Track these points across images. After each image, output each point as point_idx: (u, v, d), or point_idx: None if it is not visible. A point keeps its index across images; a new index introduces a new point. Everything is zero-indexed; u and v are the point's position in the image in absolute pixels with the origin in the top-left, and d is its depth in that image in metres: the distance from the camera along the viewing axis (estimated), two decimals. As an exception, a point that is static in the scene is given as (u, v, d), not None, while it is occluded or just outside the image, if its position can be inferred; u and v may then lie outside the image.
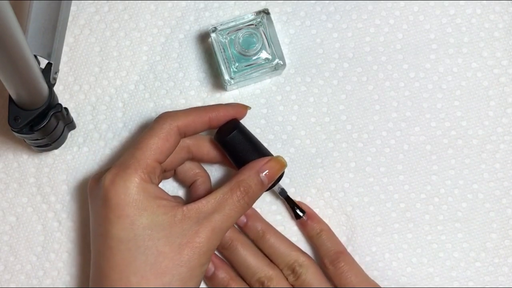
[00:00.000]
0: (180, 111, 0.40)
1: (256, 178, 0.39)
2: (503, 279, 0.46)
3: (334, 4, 0.47)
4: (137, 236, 0.36)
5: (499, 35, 0.47)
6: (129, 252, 0.36)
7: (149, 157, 0.38)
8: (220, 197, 0.38)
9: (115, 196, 0.37)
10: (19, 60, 0.33)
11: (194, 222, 0.37)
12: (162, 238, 0.36)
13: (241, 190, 0.39)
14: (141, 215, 0.36)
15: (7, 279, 0.45)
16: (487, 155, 0.47)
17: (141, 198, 0.37)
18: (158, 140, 0.38)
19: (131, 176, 0.37)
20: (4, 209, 0.45)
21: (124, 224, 0.36)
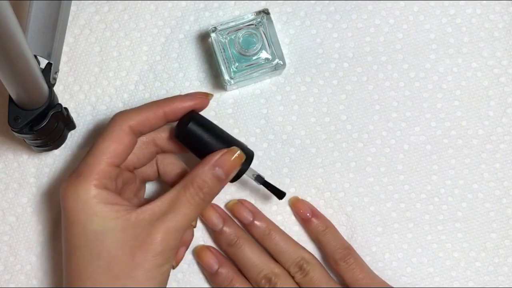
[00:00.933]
0: (133, 110, 0.39)
1: (210, 173, 0.38)
2: (503, 279, 0.46)
3: (334, 4, 0.47)
4: (89, 242, 0.36)
5: (499, 35, 0.47)
6: (83, 258, 0.37)
7: (101, 162, 0.37)
8: (174, 195, 0.37)
9: (68, 203, 0.37)
10: (19, 60, 0.33)
11: (147, 224, 0.36)
12: (114, 242, 0.36)
13: (194, 186, 0.38)
14: (92, 221, 0.36)
15: (7, 279, 0.45)
16: (487, 155, 0.47)
17: (91, 204, 0.36)
18: (110, 143, 0.38)
19: (81, 183, 0.37)
20: (4, 209, 0.45)
21: (77, 231, 0.37)
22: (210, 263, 0.43)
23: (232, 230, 0.44)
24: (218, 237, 0.44)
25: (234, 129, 0.46)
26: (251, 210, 0.45)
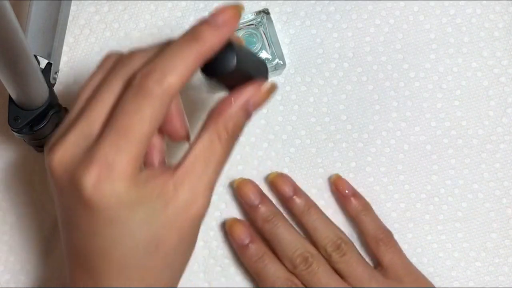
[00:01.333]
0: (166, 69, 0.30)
1: (243, 113, 0.32)
2: (503, 279, 0.46)
3: (334, 4, 0.47)
4: (134, 233, 0.31)
5: (499, 34, 0.47)
6: (128, 249, 0.32)
7: (139, 146, 0.30)
8: (208, 148, 0.32)
9: (102, 201, 0.30)
10: (19, 60, 0.33)
11: (187, 190, 0.31)
12: (160, 224, 0.32)
13: (230, 133, 0.32)
14: (136, 212, 0.31)
15: (7, 279, 0.45)
16: (487, 155, 0.47)
17: (132, 196, 0.30)
18: (150, 124, 0.30)
19: (119, 177, 0.30)
20: (4, 209, 0.45)
21: (117, 227, 0.31)
22: (241, 237, 0.43)
23: (269, 207, 0.44)
24: (254, 213, 0.44)
25: (234, 129, 0.46)
26: (292, 185, 0.45)
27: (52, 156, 0.31)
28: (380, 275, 0.43)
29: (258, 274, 0.43)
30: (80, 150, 0.30)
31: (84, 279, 0.33)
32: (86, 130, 0.31)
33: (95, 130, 0.31)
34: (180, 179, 0.31)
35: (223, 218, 0.45)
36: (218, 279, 0.45)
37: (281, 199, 0.45)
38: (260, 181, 0.46)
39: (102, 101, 0.31)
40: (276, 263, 0.43)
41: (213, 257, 0.45)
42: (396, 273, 0.43)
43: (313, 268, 0.42)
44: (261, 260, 0.43)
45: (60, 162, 0.31)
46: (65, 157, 0.31)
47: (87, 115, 0.31)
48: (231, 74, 0.31)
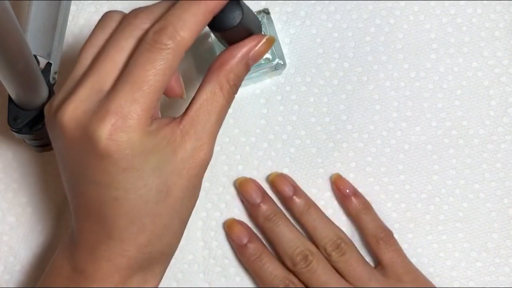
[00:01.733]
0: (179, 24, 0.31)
1: (243, 64, 0.34)
2: (504, 279, 0.46)
3: (335, 4, 0.47)
4: (147, 182, 0.32)
5: (500, 34, 0.47)
6: (140, 199, 0.33)
7: (152, 99, 0.31)
8: (211, 98, 0.33)
9: (118, 151, 0.31)
10: (19, 60, 0.33)
11: (194, 138, 0.33)
12: (170, 170, 0.33)
13: (230, 84, 0.34)
14: (149, 160, 0.32)
15: (7, 280, 0.45)
16: (488, 154, 0.47)
17: (146, 144, 0.32)
18: (163, 77, 0.31)
19: (134, 128, 0.31)
20: (3, 209, 0.45)
21: (131, 176, 0.32)
22: (239, 236, 0.44)
23: (270, 205, 0.44)
24: (255, 211, 0.44)
25: (234, 129, 0.46)
26: (292, 185, 0.45)
27: (63, 112, 0.32)
28: (379, 274, 0.43)
29: (257, 273, 0.43)
30: (92, 104, 0.31)
31: (96, 231, 0.34)
32: (96, 85, 0.32)
33: (107, 85, 0.32)
34: (186, 128, 0.33)
35: (223, 218, 0.45)
36: (218, 280, 0.45)
37: (281, 199, 0.45)
38: (261, 181, 0.46)
39: (113, 57, 0.32)
40: (274, 262, 0.43)
41: (213, 257, 0.45)
42: (395, 272, 0.43)
43: (313, 266, 0.42)
44: (259, 259, 0.43)
45: (72, 117, 0.32)
46: (76, 112, 0.32)
47: (97, 71, 0.32)
48: (237, 28, 0.33)
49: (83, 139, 0.32)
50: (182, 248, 0.45)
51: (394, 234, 0.45)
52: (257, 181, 0.45)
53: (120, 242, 0.33)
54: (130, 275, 0.34)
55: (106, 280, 0.34)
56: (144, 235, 0.34)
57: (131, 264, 0.34)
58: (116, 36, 0.32)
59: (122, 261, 0.34)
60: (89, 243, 0.34)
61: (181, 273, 0.45)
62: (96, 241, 0.34)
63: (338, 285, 0.42)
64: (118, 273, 0.34)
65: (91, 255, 0.34)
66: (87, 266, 0.34)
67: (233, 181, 0.46)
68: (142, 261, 0.34)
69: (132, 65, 0.31)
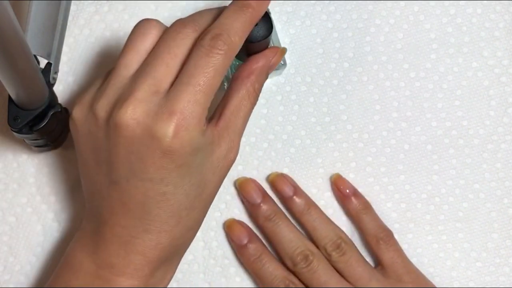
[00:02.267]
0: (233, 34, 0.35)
1: (265, 73, 0.39)
2: (504, 279, 0.46)
3: (335, 4, 0.47)
4: (192, 177, 0.35)
5: (499, 34, 0.47)
6: (185, 193, 0.35)
7: (210, 99, 0.35)
8: (239, 104, 0.37)
9: (180, 148, 0.34)
10: (19, 60, 0.33)
11: (228, 141, 0.37)
12: (208, 168, 0.36)
13: (256, 91, 0.38)
14: (196, 156, 0.35)
15: (7, 280, 0.45)
16: (489, 154, 0.47)
17: (200, 143, 0.35)
18: (220, 78, 0.35)
19: (195, 127, 0.34)
20: (3, 209, 0.45)
21: (184, 172, 0.35)
22: (239, 236, 0.44)
23: (270, 205, 0.44)
24: (256, 211, 0.44)
25: (234, 129, 0.46)
26: (292, 185, 0.45)
27: (122, 112, 0.34)
28: (380, 274, 0.43)
29: (257, 273, 0.43)
30: (152, 105, 0.34)
31: (132, 226, 0.36)
32: (153, 88, 0.35)
33: (164, 87, 0.35)
34: (222, 131, 0.37)
35: (223, 219, 0.45)
36: (218, 280, 0.45)
37: (281, 199, 0.45)
38: (261, 181, 0.46)
39: (167, 62, 0.35)
40: (274, 262, 0.43)
41: (213, 257, 0.45)
42: (396, 272, 0.43)
43: (313, 266, 0.42)
44: (259, 259, 0.43)
45: (133, 117, 0.34)
46: (137, 112, 0.34)
47: (152, 74, 0.35)
48: (266, 40, 0.37)
49: (146, 137, 0.34)
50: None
51: (394, 234, 0.45)
52: (257, 181, 0.45)
53: (157, 235, 0.36)
54: (158, 267, 0.37)
55: (136, 273, 0.36)
56: (179, 227, 0.36)
57: (161, 256, 0.36)
58: (167, 43, 0.35)
59: (154, 254, 0.36)
60: (121, 238, 0.36)
61: (181, 273, 0.45)
62: (131, 236, 0.36)
63: (338, 285, 0.42)
64: (148, 266, 0.36)
65: (122, 249, 0.36)
66: (118, 261, 0.36)
67: (233, 181, 0.46)
68: (170, 253, 0.37)
69: (192, 68, 0.34)
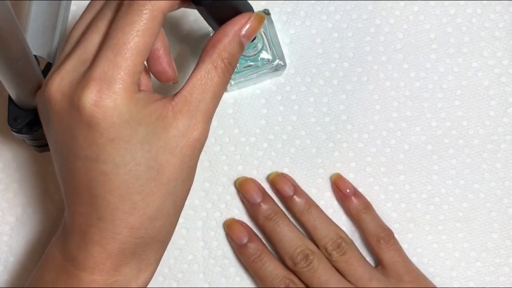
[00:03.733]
0: None
1: (237, 43, 0.34)
2: (504, 279, 0.46)
3: (334, 4, 0.47)
4: (136, 155, 0.32)
5: (499, 34, 0.47)
6: (130, 173, 0.32)
7: (134, 62, 0.31)
8: (205, 77, 0.33)
9: (104, 119, 0.31)
10: (19, 60, 0.33)
11: (187, 117, 0.32)
12: (161, 147, 0.32)
13: (225, 62, 0.33)
14: (137, 131, 0.31)
15: (7, 280, 0.45)
16: (488, 154, 0.47)
17: (134, 114, 0.31)
18: (143, 38, 0.31)
19: (120, 93, 0.31)
20: (4, 209, 0.45)
21: (120, 147, 0.31)
22: (239, 236, 0.44)
23: (270, 205, 0.44)
24: (256, 211, 0.44)
25: (234, 129, 0.46)
26: (292, 184, 0.45)
27: (50, 85, 0.31)
28: (380, 274, 0.43)
29: (257, 272, 0.43)
30: (78, 74, 0.31)
31: (87, 213, 0.33)
32: (82, 56, 0.32)
33: (91, 54, 0.31)
34: (179, 106, 0.32)
35: (223, 218, 0.45)
36: (218, 280, 0.45)
37: (281, 199, 0.45)
38: (261, 181, 0.46)
39: (96, 28, 0.32)
40: (274, 262, 0.43)
41: (213, 257, 0.45)
42: (396, 272, 0.43)
43: (314, 265, 0.42)
44: (259, 258, 0.43)
45: (58, 89, 0.31)
46: (63, 83, 0.31)
47: (82, 43, 0.32)
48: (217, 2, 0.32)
49: (70, 108, 0.31)
50: (182, 248, 0.45)
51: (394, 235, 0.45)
52: (258, 180, 0.45)
53: (111, 223, 0.32)
54: (123, 262, 0.33)
55: (97, 267, 0.33)
56: (136, 215, 0.32)
57: (123, 249, 0.33)
58: (101, 9, 0.32)
59: (114, 246, 0.33)
60: (81, 227, 0.33)
61: (181, 273, 0.45)
62: (87, 225, 0.33)
63: (338, 285, 0.42)
64: (110, 259, 0.33)
65: (82, 240, 0.33)
66: (78, 253, 0.33)
67: (233, 181, 0.46)
68: (135, 246, 0.33)
69: (112, 29, 0.31)
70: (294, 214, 0.45)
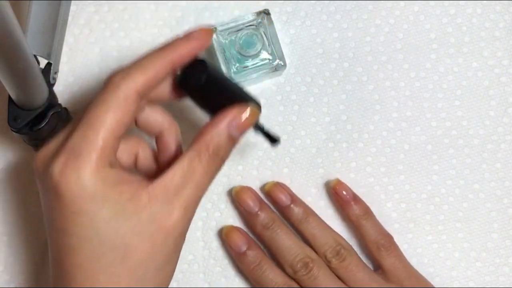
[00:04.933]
0: (134, 68, 0.32)
1: (225, 135, 0.33)
2: (503, 279, 0.46)
3: (334, 4, 0.47)
4: (100, 232, 0.31)
5: (499, 34, 0.47)
6: (94, 250, 0.31)
7: (105, 137, 0.31)
8: (187, 165, 0.32)
9: (68, 190, 0.31)
10: (19, 60, 0.33)
11: (162, 203, 0.32)
12: (129, 229, 0.31)
13: (210, 152, 0.33)
14: (102, 208, 0.31)
15: (7, 279, 0.45)
16: (488, 154, 0.47)
17: (99, 190, 0.31)
18: (115, 115, 0.31)
19: (84, 165, 0.31)
20: (4, 209, 0.45)
21: (83, 221, 0.31)
22: (238, 244, 0.43)
23: (268, 213, 0.44)
24: (253, 220, 0.44)
25: (234, 129, 0.46)
26: (289, 193, 0.45)
27: (37, 155, 0.33)
28: (380, 279, 0.43)
29: (257, 280, 0.43)
30: (58, 146, 0.32)
31: (59, 281, 0.33)
32: (67, 131, 0.33)
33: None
34: (156, 191, 0.32)
35: (223, 219, 0.45)
36: (218, 280, 0.45)
37: (278, 208, 0.45)
38: (261, 181, 0.46)
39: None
40: (274, 269, 0.43)
41: (213, 257, 0.45)
42: (397, 277, 0.43)
43: (314, 272, 0.42)
44: (259, 266, 0.43)
45: (40, 159, 0.33)
46: (45, 153, 0.33)
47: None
48: (202, 89, 0.33)
49: (45, 179, 0.32)
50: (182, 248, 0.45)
51: (394, 234, 0.45)
52: (256, 182, 0.45)
53: None
54: None
55: None
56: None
57: None
58: None
59: None
60: None
61: (181, 273, 0.45)
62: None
63: None
64: None
65: None
66: None
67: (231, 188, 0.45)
68: None
69: (89, 106, 0.32)
70: (292, 223, 0.44)
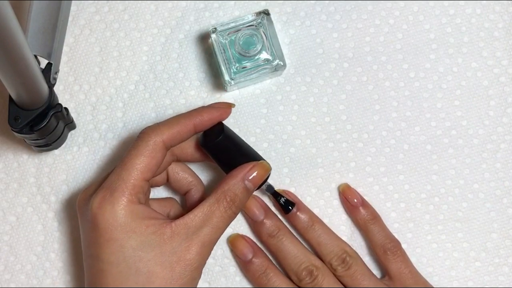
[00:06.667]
0: (163, 124, 0.40)
1: (241, 186, 0.40)
2: (503, 279, 0.46)
3: (334, 4, 0.47)
4: (127, 259, 0.37)
5: (499, 34, 0.47)
6: (120, 275, 0.37)
7: (135, 177, 0.38)
8: (207, 209, 0.39)
9: (103, 220, 0.37)
10: (19, 60, 0.33)
11: (183, 239, 0.38)
12: (153, 258, 0.37)
13: (227, 200, 0.39)
14: (130, 238, 0.37)
15: (7, 279, 0.45)
16: (488, 154, 0.47)
17: (129, 221, 0.37)
18: (144, 159, 0.39)
19: (118, 200, 0.37)
20: (4, 209, 0.45)
21: (113, 248, 0.37)
22: (244, 252, 0.44)
23: (273, 221, 0.44)
24: (259, 228, 0.44)
25: (234, 128, 0.46)
26: (295, 201, 0.45)
27: (81, 193, 0.41)
28: (386, 286, 0.43)
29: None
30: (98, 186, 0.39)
31: None
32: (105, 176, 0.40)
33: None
34: (179, 228, 0.38)
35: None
36: (218, 279, 0.45)
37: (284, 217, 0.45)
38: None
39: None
40: (280, 276, 0.43)
41: (213, 257, 0.45)
42: (403, 283, 0.43)
43: (318, 281, 0.42)
44: (265, 274, 0.43)
45: (82, 197, 0.40)
46: (86, 193, 0.40)
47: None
48: (219, 146, 0.41)
49: (85, 212, 0.39)
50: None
51: (393, 234, 0.45)
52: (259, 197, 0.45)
53: None
54: None
55: None
56: None
57: None
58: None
59: None
60: None
61: (181, 273, 0.45)
62: None
63: None
64: None
65: None
66: None
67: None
68: None
69: (126, 152, 0.40)
70: (298, 231, 0.45)
